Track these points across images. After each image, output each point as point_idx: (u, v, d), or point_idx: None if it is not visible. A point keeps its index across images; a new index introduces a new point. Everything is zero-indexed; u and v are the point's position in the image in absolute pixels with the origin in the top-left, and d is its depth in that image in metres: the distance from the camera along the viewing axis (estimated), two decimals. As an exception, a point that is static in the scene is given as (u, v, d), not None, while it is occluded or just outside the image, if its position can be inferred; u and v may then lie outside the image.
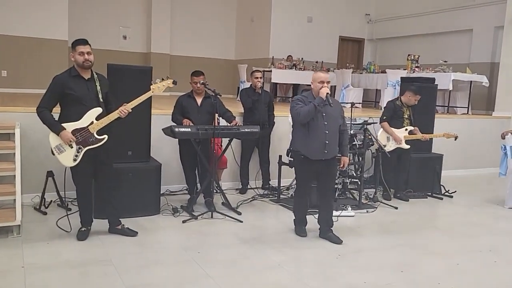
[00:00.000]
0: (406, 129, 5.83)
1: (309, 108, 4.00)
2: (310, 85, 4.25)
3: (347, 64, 11.75)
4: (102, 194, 4.15)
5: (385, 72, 9.43)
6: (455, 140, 6.00)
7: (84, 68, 3.86)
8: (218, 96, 4.86)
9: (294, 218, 4.49)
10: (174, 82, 4.16)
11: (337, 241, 4.19)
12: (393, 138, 5.78)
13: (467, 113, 9.16)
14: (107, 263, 3.56)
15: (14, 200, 4.13)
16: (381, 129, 5.82)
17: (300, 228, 4.41)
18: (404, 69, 9.64)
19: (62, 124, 3.80)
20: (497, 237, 4.76)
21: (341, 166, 4.33)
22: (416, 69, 9.65)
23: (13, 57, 9.88)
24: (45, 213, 4.69)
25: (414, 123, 5.89)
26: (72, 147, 3.84)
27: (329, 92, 4.07)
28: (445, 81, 8.42)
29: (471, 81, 9.16)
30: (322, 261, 3.84)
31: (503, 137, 6.02)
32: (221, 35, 13.54)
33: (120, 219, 4.24)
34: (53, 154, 3.86)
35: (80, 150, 3.86)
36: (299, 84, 11.38)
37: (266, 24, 12.17)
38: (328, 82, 4.06)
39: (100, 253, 3.76)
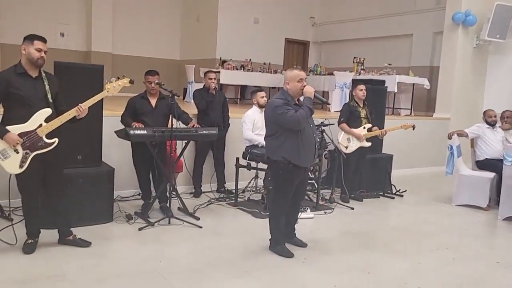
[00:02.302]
0: (364, 127, 5.91)
1: (306, 112, 3.67)
2: (258, 86, 4.07)
3: (295, 66, 11.82)
4: (51, 202, 3.81)
5: (333, 74, 9.60)
6: (413, 129, 6.12)
7: (36, 65, 3.53)
8: (176, 96, 4.64)
9: (272, 237, 3.96)
10: (131, 81, 3.89)
11: (302, 244, 4.13)
12: (354, 137, 5.83)
13: (410, 114, 9.54)
14: (61, 278, 3.25)
15: None
16: (342, 131, 5.85)
17: (284, 249, 3.90)
18: (350, 71, 9.85)
19: (7, 127, 3.44)
20: (450, 234, 4.93)
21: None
22: (362, 71, 9.92)
23: None
24: (-17, 225, 4.24)
25: (372, 121, 5.97)
26: (18, 152, 3.48)
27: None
28: (391, 83, 8.68)
29: (413, 84, 9.55)
30: (290, 266, 3.75)
31: (449, 137, 6.28)
32: (165, 34, 13.20)
33: (71, 229, 3.92)
34: (-4, 160, 3.48)
35: (27, 155, 3.51)
36: (247, 86, 11.36)
37: (212, 24, 12.00)
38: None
39: (51, 267, 3.43)
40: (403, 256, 4.13)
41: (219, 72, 9.91)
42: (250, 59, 11.36)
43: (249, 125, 5.46)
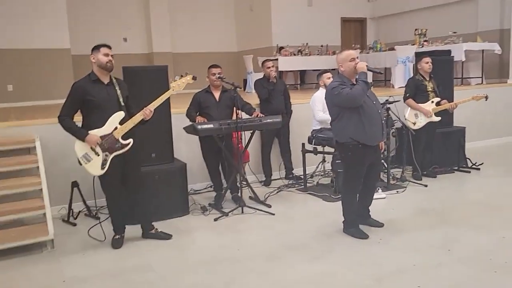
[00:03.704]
0: (432, 101, 5.68)
1: (361, 86, 3.62)
2: (318, 70, 4.02)
3: (353, 45, 11.57)
4: (133, 199, 4.06)
5: (394, 50, 9.25)
6: (486, 100, 5.78)
7: (107, 69, 3.77)
8: (238, 88, 4.73)
9: (345, 220, 3.98)
10: (194, 78, 4.03)
11: (379, 224, 4.09)
12: (422, 113, 5.64)
13: (482, 83, 8.99)
14: (148, 269, 3.48)
15: (44, 214, 4.05)
16: (408, 107, 5.67)
17: (358, 230, 3.92)
18: (412, 45, 9.46)
19: (87, 132, 3.72)
20: (536, 206, 4.65)
21: (380, 149, 4.06)
22: (425, 43, 9.47)
23: (17, 70, 9.77)
24: (74, 224, 4.61)
25: (440, 95, 5.74)
26: (98, 155, 3.75)
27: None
28: (457, 52, 8.23)
29: (483, 50, 8.98)
30: (366, 247, 3.74)
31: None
32: (221, 27, 13.41)
33: (152, 223, 4.17)
34: (80, 164, 3.77)
35: (107, 157, 3.77)
36: (306, 70, 11.27)
37: (266, 11, 12.00)
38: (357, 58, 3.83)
39: (138, 260, 3.68)
40: (485, 231, 3.96)
41: (276, 59, 9.93)
42: (307, 43, 11.23)
43: (319, 106, 5.44)
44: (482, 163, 6.25)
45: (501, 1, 10.03)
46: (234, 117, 4.83)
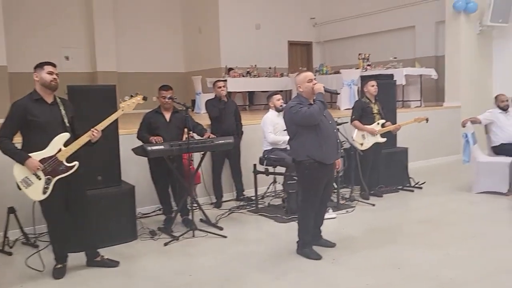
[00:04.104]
0: (378, 123, 5.89)
1: (318, 105, 3.73)
2: (266, 91, 4.08)
3: (300, 68, 11.83)
4: (77, 224, 3.82)
5: (339, 73, 9.58)
6: (427, 122, 6.07)
7: (51, 88, 3.59)
8: (190, 109, 4.66)
9: (300, 240, 3.97)
10: (145, 98, 3.93)
11: (331, 245, 4.12)
12: (368, 133, 5.82)
13: (420, 105, 9.49)
14: (95, 300, 3.28)
15: (-24, 243, 3.74)
16: (355, 129, 5.84)
17: (312, 251, 3.91)
18: (356, 68, 9.83)
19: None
20: (475, 223, 4.89)
21: (337, 168, 4.20)
22: (368, 67, 9.88)
23: None
24: (10, 254, 4.27)
25: (384, 117, 5.95)
26: (40, 179, 3.52)
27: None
28: (398, 76, 8.66)
29: (421, 75, 9.50)
30: (320, 267, 3.74)
31: (463, 126, 6.23)
32: (168, 48, 13.30)
33: (97, 250, 3.95)
34: (20, 189, 3.52)
35: (49, 181, 3.55)
36: (254, 91, 11.38)
37: (214, 33, 12.06)
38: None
39: (84, 290, 3.46)
40: (431, 248, 4.09)
41: (225, 80, 9.94)
42: (255, 65, 11.39)
43: (270, 128, 5.47)
44: (424, 182, 6.53)
45: (435, 30, 10.72)
46: (184, 138, 4.75)
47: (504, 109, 6.24)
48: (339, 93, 6.86)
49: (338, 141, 3.97)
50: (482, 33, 9.20)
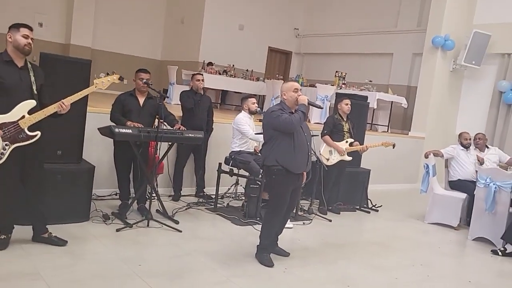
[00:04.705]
0: (347, 141, 5.97)
1: (299, 115, 3.79)
2: (239, 92, 4.10)
3: (277, 75, 11.91)
4: (29, 197, 3.65)
5: (315, 87, 9.68)
6: (393, 148, 6.19)
7: (24, 52, 3.44)
8: (167, 98, 4.57)
9: (261, 244, 3.96)
10: (121, 78, 3.82)
11: (285, 254, 4.13)
12: (336, 151, 5.88)
13: (387, 131, 9.72)
14: (36, 277, 3.13)
15: None
16: (324, 144, 5.90)
17: (267, 257, 3.90)
18: (332, 85, 9.97)
19: (-12, 117, 3.31)
20: (424, 251, 5.03)
21: (304, 179, 4.16)
22: (343, 85, 10.04)
23: None
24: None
25: (353, 136, 6.05)
26: (-3, 144, 3.35)
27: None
28: (371, 99, 8.82)
29: (392, 102, 9.74)
30: (271, 275, 3.73)
31: (426, 157, 6.41)
32: (148, 33, 13.04)
33: (46, 226, 3.79)
34: (-26, 151, 3.34)
35: (7, 147, 3.38)
36: (228, 91, 11.33)
37: (197, 27, 11.93)
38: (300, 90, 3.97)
39: (25, 265, 3.31)
40: (381, 271, 4.17)
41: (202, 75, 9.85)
42: (233, 65, 11.35)
43: (246, 127, 5.45)
44: (381, 206, 6.67)
45: (411, 61, 11.04)
46: (155, 125, 4.64)
47: (466, 147, 6.47)
48: (322, 108, 6.93)
49: (310, 154, 3.99)
50: (455, 71, 9.54)
